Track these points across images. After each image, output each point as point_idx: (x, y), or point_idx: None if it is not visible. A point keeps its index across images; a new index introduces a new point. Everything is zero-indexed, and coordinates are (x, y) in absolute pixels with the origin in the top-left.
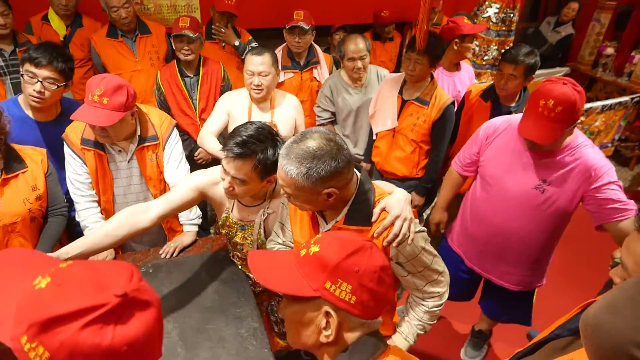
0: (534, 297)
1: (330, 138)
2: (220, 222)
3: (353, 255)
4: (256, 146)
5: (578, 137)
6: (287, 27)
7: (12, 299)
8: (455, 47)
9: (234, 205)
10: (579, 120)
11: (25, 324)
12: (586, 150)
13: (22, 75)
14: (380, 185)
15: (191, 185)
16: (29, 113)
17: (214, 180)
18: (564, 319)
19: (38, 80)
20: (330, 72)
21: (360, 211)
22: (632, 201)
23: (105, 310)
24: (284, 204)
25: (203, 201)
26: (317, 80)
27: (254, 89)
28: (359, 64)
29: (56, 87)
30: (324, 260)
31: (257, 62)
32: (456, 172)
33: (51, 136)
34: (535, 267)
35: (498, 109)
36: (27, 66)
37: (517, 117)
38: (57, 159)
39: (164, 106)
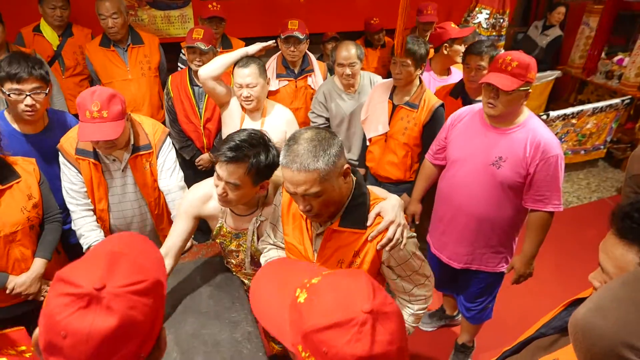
0: (497, 289)
1: (315, 127)
2: (214, 232)
3: (331, 330)
4: (249, 150)
5: (531, 116)
6: (282, 36)
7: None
8: (445, 52)
9: (227, 215)
10: (529, 89)
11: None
12: (537, 126)
13: (6, 93)
14: (374, 190)
15: (187, 214)
16: (16, 127)
17: (204, 197)
18: (548, 317)
19: (26, 95)
20: (325, 80)
21: (356, 214)
22: (558, 195)
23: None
24: (276, 205)
25: None
26: (312, 88)
27: (244, 101)
28: (347, 70)
29: (44, 94)
30: (301, 320)
31: (245, 75)
32: (429, 163)
33: (40, 148)
34: (495, 249)
35: (469, 103)
36: (9, 85)
37: (479, 105)
38: (47, 170)
39: (171, 111)
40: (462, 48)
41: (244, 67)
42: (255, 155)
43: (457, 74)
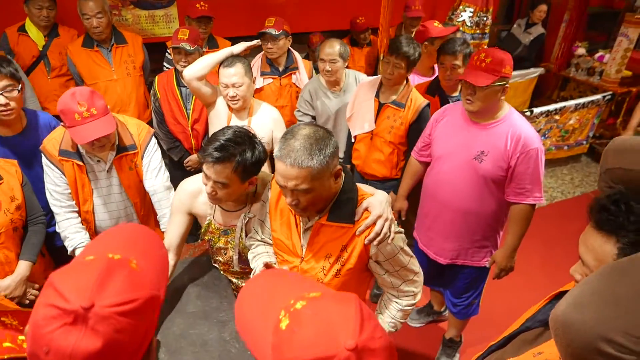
0: (484, 284)
1: (314, 124)
2: (202, 230)
3: None
4: (234, 149)
5: (512, 111)
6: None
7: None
8: (425, 50)
9: (215, 211)
10: (507, 84)
11: None
12: (517, 121)
13: None
14: (362, 187)
15: (179, 209)
16: None
17: (194, 192)
18: (533, 310)
19: None
20: (310, 78)
21: (344, 209)
22: (539, 187)
23: None
24: (264, 202)
25: None
26: (297, 86)
27: (230, 101)
28: (328, 66)
29: (17, 92)
30: (281, 348)
31: (230, 74)
32: (414, 160)
33: (19, 150)
34: (480, 243)
35: (446, 100)
36: None
37: (461, 102)
38: (27, 173)
39: (159, 112)
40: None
41: (229, 67)
42: (241, 154)
43: None
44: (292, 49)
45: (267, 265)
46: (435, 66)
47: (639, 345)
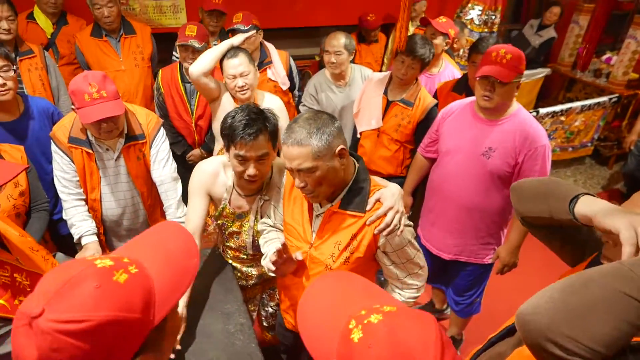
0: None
1: (317, 110)
2: (216, 214)
3: None
4: (259, 119)
5: (520, 109)
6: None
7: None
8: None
9: (231, 196)
10: (521, 81)
11: None
12: (526, 118)
13: None
14: (375, 178)
15: (200, 190)
16: None
17: (214, 173)
18: None
19: None
20: (287, 69)
21: (356, 198)
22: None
23: None
24: (279, 187)
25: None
26: (273, 80)
27: (239, 91)
28: (332, 58)
29: (13, 72)
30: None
31: (236, 64)
32: (420, 156)
33: (18, 136)
34: (484, 240)
35: None
36: None
37: (470, 99)
38: (29, 159)
39: (162, 107)
40: (440, 42)
41: (233, 58)
42: (266, 120)
43: (449, 67)
44: (265, 43)
45: (280, 250)
46: (447, 64)
47: (582, 350)
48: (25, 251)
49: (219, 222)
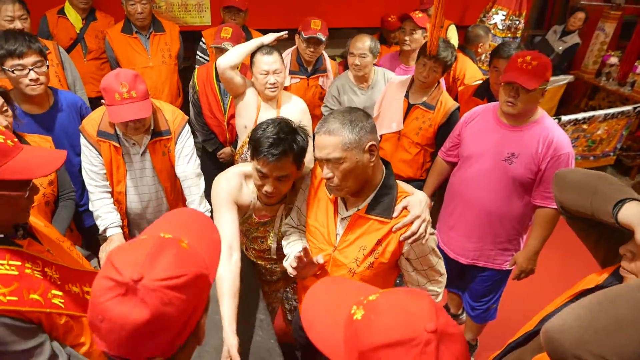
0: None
1: (354, 107)
2: (241, 221)
3: (391, 348)
4: (287, 140)
5: (544, 115)
6: (303, 35)
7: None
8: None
9: (255, 205)
10: (546, 88)
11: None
12: (550, 125)
13: (8, 71)
14: (401, 185)
15: (228, 201)
16: (22, 107)
17: (239, 185)
18: (551, 308)
19: (29, 69)
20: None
21: (383, 204)
22: None
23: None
24: (303, 189)
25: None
26: (322, 88)
27: (269, 88)
28: (357, 60)
29: (45, 67)
30: (358, 337)
31: (270, 61)
32: (441, 159)
33: (47, 128)
34: (503, 246)
35: None
36: (10, 61)
37: (493, 104)
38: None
39: (196, 104)
40: (419, 36)
41: (268, 55)
42: (294, 142)
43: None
44: (324, 52)
45: (304, 251)
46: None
47: None
48: (54, 242)
49: (243, 228)
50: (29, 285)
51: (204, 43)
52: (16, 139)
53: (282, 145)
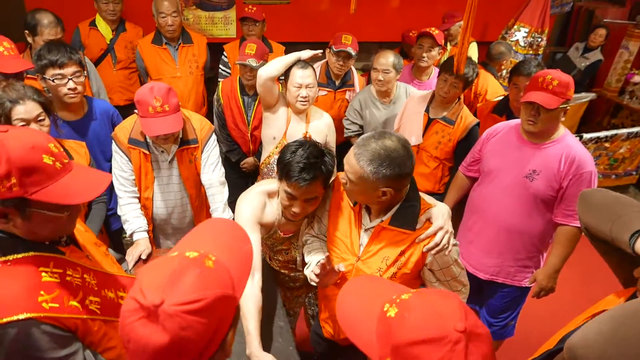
0: (521, 306)
1: (405, 145)
2: (266, 236)
3: (423, 345)
4: (317, 165)
5: (567, 133)
6: (334, 49)
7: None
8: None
9: (280, 222)
10: (568, 107)
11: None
12: (572, 143)
13: (49, 80)
14: (424, 197)
15: (254, 223)
16: (59, 114)
17: (262, 205)
18: (571, 327)
19: (68, 79)
20: None
21: (407, 216)
22: None
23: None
24: (325, 200)
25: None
26: (349, 102)
27: (300, 101)
28: (380, 76)
29: (83, 77)
30: (391, 332)
31: (305, 75)
32: (461, 174)
33: (81, 134)
34: (522, 263)
35: None
36: (51, 71)
37: (515, 121)
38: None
39: (221, 117)
40: (436, 53)
41: (304, 69)
42: (324, 166)
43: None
44: (352, 66)
45: (326, 259)
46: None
47: None
48: (92, 247)
49: (267, 242)
50: (69, 292)
51: (225, 56)
52: (66, 160)
53: (313, 170)
